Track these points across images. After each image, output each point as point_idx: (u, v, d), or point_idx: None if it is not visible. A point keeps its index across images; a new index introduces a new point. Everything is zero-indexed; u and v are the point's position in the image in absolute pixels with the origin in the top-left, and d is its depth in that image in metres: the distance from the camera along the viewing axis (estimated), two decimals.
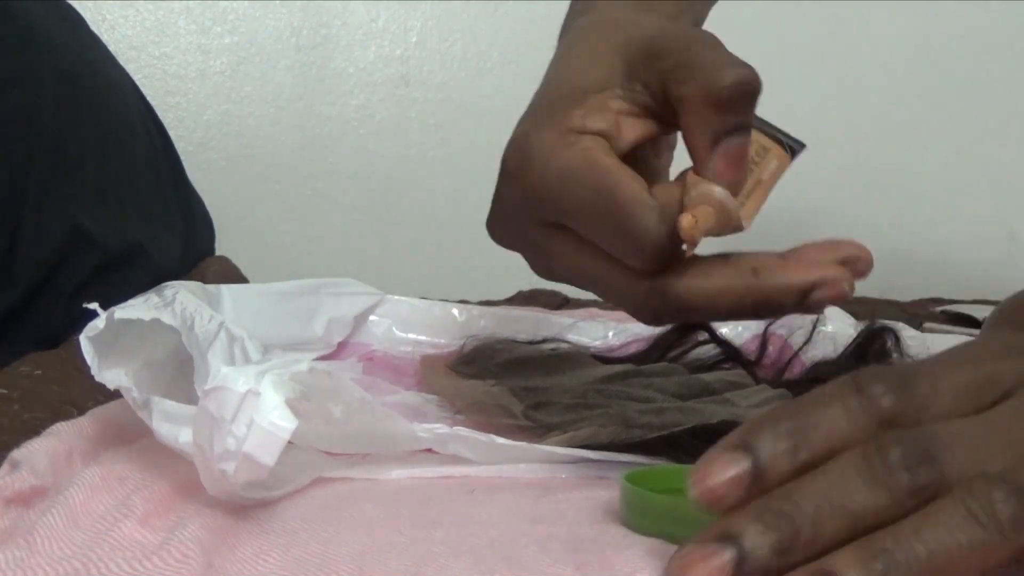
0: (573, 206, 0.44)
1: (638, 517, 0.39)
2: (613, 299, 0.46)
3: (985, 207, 1.40)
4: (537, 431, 0.52)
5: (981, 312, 0.95)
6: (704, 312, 0.44)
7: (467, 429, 0.47)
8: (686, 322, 0.56)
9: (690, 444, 0.48)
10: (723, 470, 0.31)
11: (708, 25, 0.62)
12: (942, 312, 1.02)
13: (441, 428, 0.47)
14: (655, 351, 0.69)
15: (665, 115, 0.46)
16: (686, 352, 0.69)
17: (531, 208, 0.46)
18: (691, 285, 0.43)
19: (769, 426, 0.32)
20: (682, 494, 0.37)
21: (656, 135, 0.47)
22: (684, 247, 0.43)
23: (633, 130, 0.46)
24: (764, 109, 0.49)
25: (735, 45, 0.45)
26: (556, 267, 0.47)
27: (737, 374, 0.63)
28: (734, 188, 0.44)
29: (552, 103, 0.47)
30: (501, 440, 0.47)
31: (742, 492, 0.31)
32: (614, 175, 0.43)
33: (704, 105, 0.43)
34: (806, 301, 0.42)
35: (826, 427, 0.31)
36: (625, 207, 0.42)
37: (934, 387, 0.32)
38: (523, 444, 0.48)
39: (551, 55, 0.51)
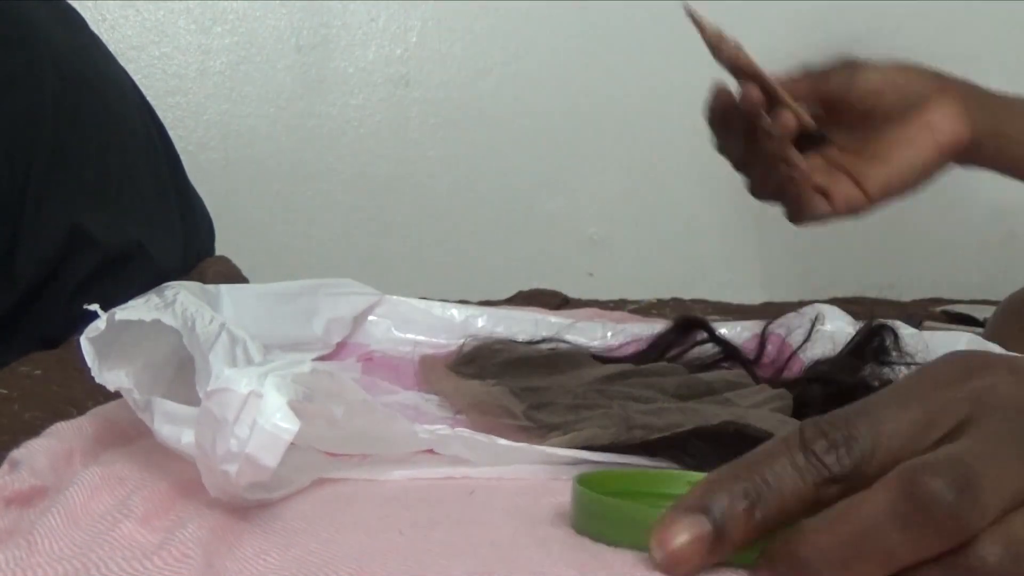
0: None
1: (588, 520, 0.38)
2: None
3: (985, 207, 1.40)
4: (538, 432, 0.52)
5: (981, 312, 0.95)
6: None
7: (468, 430, 0.47)
8: None
9: (691, 445, 0.48)
10: (685, 532, 0.32)
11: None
12: (942, 312, 1.02)
13: (442, 429, 0.47)
14: (654, 351, 0.69)
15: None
16: (685, 351, 0.69)
17: None
18: None
19: (725, 486, 0.33)
20: (634, 497, 0.39)
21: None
22: None
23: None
24: None
25: None
26: None
27: (736, 373, 0.63)
28: None
29: None
30: (502, 441, 0.47)
31: (704, 553, 0.32)
32: None
33: None
34: None
35: (778, 486, 0.33)
36: None
37: (876, 435, 0.33)
38: (524, 445, 0.48)
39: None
